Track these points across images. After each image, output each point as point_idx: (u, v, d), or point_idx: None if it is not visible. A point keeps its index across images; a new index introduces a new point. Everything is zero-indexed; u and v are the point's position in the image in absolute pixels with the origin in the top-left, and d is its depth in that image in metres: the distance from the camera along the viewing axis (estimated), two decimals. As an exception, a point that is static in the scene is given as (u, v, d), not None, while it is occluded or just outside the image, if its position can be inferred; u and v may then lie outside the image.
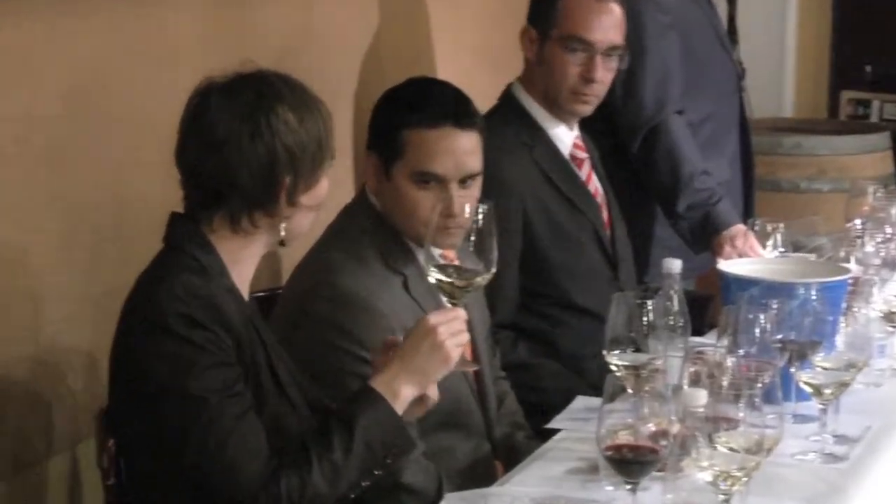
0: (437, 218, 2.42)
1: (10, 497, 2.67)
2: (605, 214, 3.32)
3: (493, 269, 2.29)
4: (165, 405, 2.15)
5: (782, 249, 3.16)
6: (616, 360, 2.48)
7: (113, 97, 2.89)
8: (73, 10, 2.76)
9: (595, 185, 3.32)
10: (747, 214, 3.86)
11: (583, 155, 3.31)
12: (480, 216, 2.31)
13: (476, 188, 2.70)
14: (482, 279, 2.31)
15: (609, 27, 3.20)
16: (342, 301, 2.57)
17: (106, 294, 2.88)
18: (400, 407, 2.22)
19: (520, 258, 3.13)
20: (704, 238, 3.51)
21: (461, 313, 2.26)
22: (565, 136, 3.26)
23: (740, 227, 3.47)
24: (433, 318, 2.24)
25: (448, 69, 4.31)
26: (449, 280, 2.29)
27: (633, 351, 2.47)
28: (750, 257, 3.19)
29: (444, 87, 2.76)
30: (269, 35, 3.40)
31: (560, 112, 3.25)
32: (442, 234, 2.60)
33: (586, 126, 3.37)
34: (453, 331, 2.24)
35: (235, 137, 2.22)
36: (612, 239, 3.31)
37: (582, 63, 3.19)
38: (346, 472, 2.16)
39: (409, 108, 2.67)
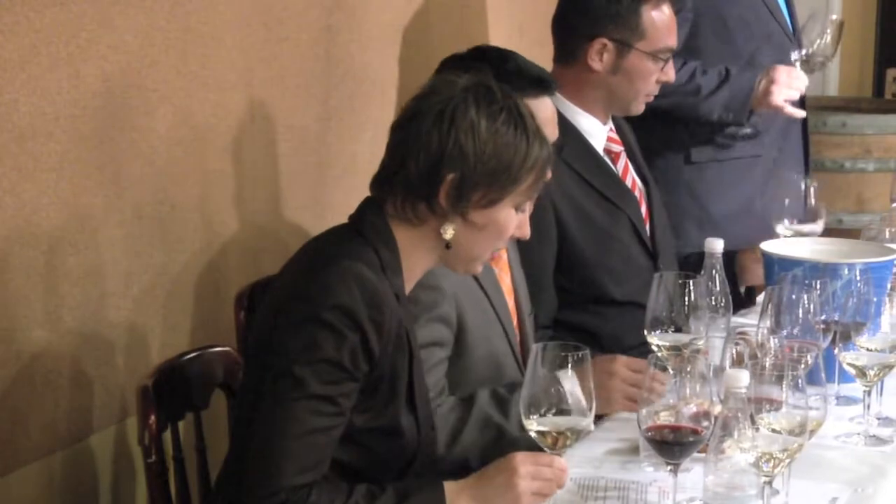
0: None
1: (51, 472, 2.69)
2: (643, 207, 3.29)
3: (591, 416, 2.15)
4: (270, 371, 2.12)
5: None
6: (657, 340, 2.47)
7: (156, 75, 2.89)
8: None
9: (632, 178, 3.29)
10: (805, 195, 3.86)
11: (618, 148, 3.28)
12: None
13: None
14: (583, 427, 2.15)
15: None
16: None
17: (146, 270, 2.90)
18: None
19: (555, 259, 3.12)
20: (746, 99, 3.63)
21: (558, 463, 2.13)
22: (598, 131, 3.23)
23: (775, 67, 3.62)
24: (521, 457, 2.14)
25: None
26: (549, 431, 2.12)
27: (674, 331, 2.46)
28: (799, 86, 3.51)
29: (521, 57, 2.73)
30: (311, 11, 3.40)
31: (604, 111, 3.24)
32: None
33: None
34: (537, 477, 2.12)
35: (420, 118, 2.19)
36: (652, 230, 3.29)
37: (667, 66, 3.25)
38: None
39: (515, 82, 2.57)
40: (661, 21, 3.21)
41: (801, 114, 3.76)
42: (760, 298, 3.09)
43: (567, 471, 2.15)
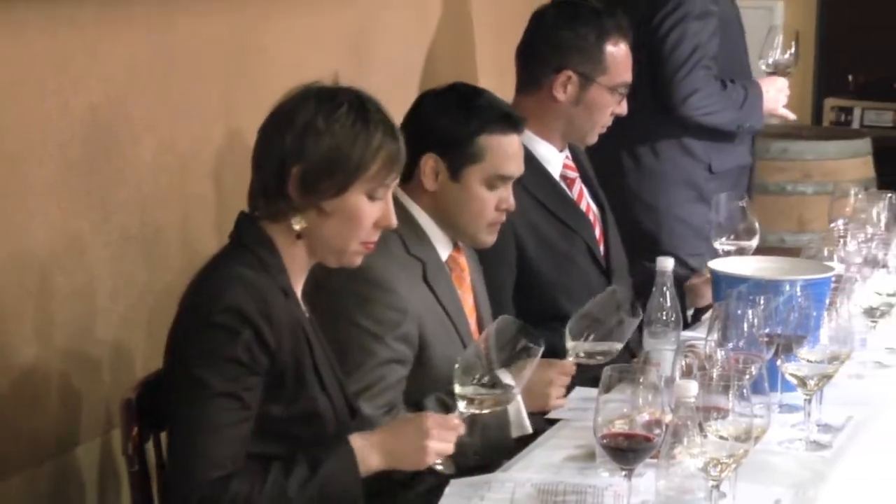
0: (494, 215, 2.68)
1: (39, 482, 2.67)
2: (597, 229, 3.30)
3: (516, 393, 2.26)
4: (177, 380, 2.16)
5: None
6: (571, 343, 2.53)
7: (141, 106, 2.88)
8: (106, 22, 2.76)
9: (587, 202, 3.30)
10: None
11: (573, 174, 3.29)
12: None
13: None
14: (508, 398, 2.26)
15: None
16: (361, 277, 2.52)
17: (131, 289, 2.89)
18: (363, 470, 2.20)
19: (515, 280, 3.12)
20: (761, 108, 3.87)
21: (460, 428, 2.22)
22: (555, 158, 3.24)
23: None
24: (432, 419, 2.21)
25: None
26: (479, 396, 2.22)
27: (594, 340, 2.51)
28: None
29: (492, 94, 2.78)
30: (282, 44, 3.39)
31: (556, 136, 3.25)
32: (493, 231, 2.72)
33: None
34: (443, 439, 2.20)
35: (269, 125, 2.24)
36: (606, 252, 3.30)
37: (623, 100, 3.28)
38: (292, 502, 2.14)
39: (484, 116, 2.68)
40: (621, 57, 3.24)
41: (793, 116, 4.10)
42: (706, 316, 3.10)
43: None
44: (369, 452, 2.20)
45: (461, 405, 2.22)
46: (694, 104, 3.75)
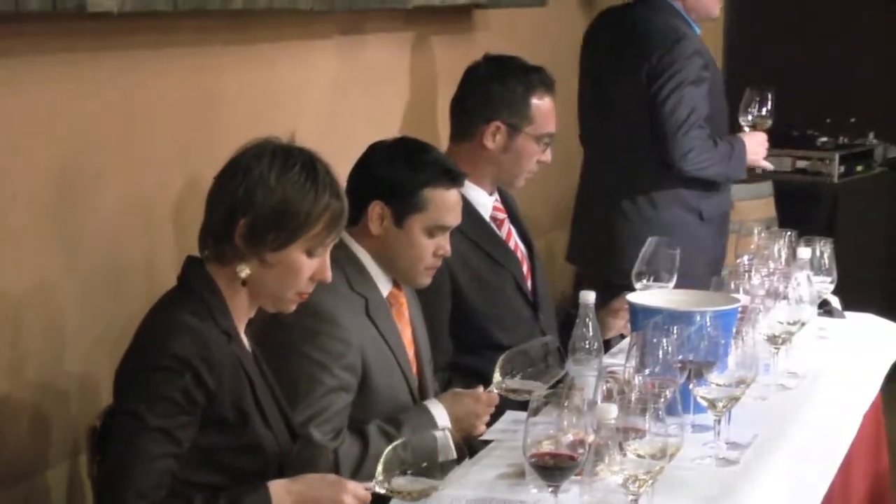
0: (432, 261, 2.68)
1: (13, 503, 2.63)
2: (525, 266, 3.31)
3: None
4: (115, 412, 2.15)
5: None
6: (498, 378, 2.58)
7: (106, 154, 2.86)
8: (72, 80, 2.74)
9: (515, 241, 3.32)
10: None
11: (502, 216, 3.31)
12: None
13: None
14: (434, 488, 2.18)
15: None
16: (309, 311, 2.50)
17: (97, 325, 2.85)
18: None
19: (450, 311, 3.12)
20: (745, 160, 3.95)
21: (367, 500, 2.14)
22: (485, 201, 3.26)
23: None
24: (349, 492, 2.11)
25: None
26: (408, 491, 2.14)
27: (521, 378, 2.56)
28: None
29: (437, 149, 2.79)
30: (240, 99, 3.37)
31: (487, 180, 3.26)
32: (429, 274, 2.72)
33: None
34: None
35: (224, 173, 2.21)
36: (533, 286, 3.31)
37: (547, 149, 3.27)
38: None
39: (429, 170, 2.69)
40: (546, 110, 3.25)
41: (772, 167, 4.24)
42: (623, 343, 3.12)
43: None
44: (285, 500, 2.12)
45: (378, 486, 2.13)
46: (691, 160, 3.86)
